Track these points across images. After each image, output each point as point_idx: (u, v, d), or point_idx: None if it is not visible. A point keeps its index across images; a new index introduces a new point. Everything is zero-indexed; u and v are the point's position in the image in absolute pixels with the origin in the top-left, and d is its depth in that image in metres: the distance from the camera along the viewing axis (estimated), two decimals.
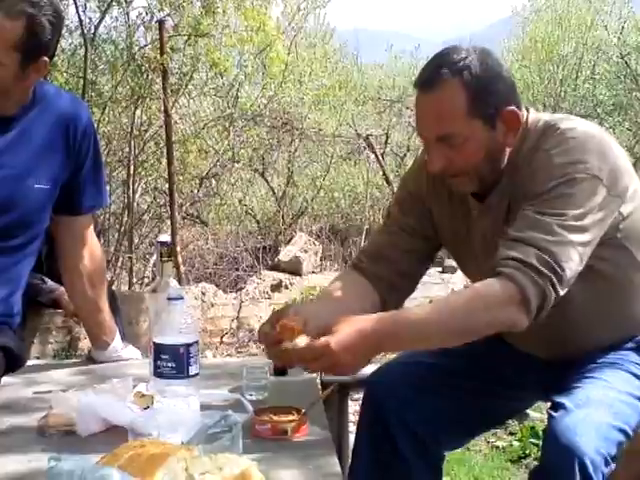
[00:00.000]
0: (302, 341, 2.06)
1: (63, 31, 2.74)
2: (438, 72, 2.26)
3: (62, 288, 3.69)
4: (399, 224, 2.57)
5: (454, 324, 2.15)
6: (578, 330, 2.40)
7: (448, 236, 2.56)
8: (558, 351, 2.45)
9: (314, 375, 2.64)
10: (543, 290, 2.10)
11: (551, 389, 2.34)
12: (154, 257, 8.21)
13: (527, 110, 2.38)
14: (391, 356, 2.84)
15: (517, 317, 2.11)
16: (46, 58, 2.52)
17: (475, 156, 2.28)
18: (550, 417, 2.15)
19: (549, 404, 2.27)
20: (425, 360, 2.54)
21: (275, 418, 2.12)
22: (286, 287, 7.84)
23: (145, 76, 8.13)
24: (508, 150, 2.33)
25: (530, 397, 2.73)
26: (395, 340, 2.14)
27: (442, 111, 2.26)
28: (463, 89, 2.24)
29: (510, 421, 4.54)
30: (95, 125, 2.91)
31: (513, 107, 2.29)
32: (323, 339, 2.01)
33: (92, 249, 2.85)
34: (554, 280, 2.10)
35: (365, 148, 11.59)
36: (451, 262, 9.05)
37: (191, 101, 9.51)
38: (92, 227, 2.89)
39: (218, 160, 9.72)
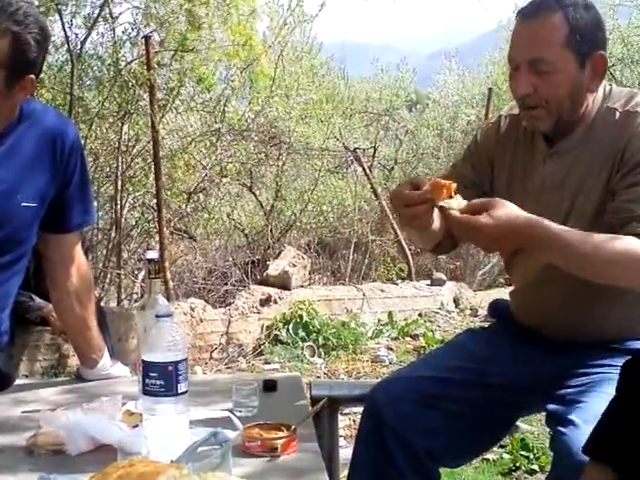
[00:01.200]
0: (457, 202, 2.18)
1: (49, 47, 2.73)
2: (545, 4, 2.38)
3: (50, 305, 3.68)
4: (460, 177, 2.60)
5: (595, 262, 2.22)
6: (601, 309, 2.44)
7: (502, 186, 2.62)
8: (578, 331, 2.46)
9: (303, 390, 2.64)
10: None
11: (553, 389, 2.34)
12: (143, 273, 8.21)
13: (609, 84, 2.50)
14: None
15: None
16: (32, 76, 2.51)
17: (560, 89, 2.37)
18: (560, 433, 2.17)
19: (544, 416, 2.27)
20: (427, 374, 2.55)
21: (265, 435, 2.11)
22: (275, 301, 7.82)
23: (132, 92, 8.14)
24: (590, 97, 2.43)
25: (532, 402, 2.70)
26: (539, 241, 2.21)
27: (541, 35, 2.36)
28: (565, 21, 2.35)
29: None
30: (82, 141, 2.91)
31: (604, 53, 2.40)
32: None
33: (80, 267, 2.84)
34: None
35: (353, 161, 11.60)
36: (440, 275, 9.07)
37: (178, 116, 9.51)
38: (80, 245, 2.88)
39: (206, 175, 9.72)
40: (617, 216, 2.30)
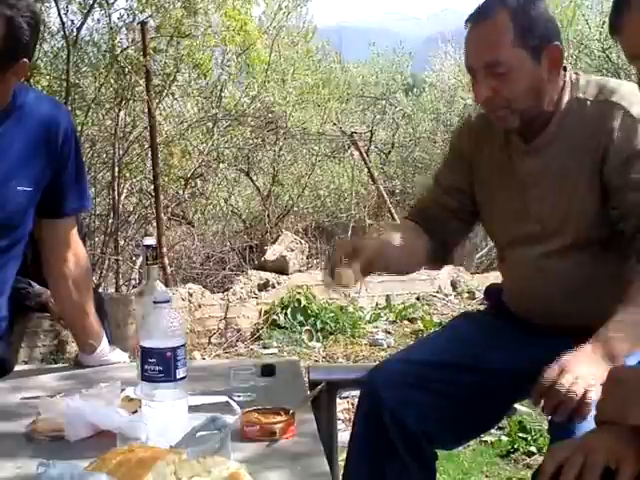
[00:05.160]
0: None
1: (45, 34, 2.73)
2: (490, 5, 2.41)
3: (49, 292, 3.68)
4: (442, 184, 2.75)
5: None
6: (595, 299, 2.41)
7: (484, 191, 2.66)
8: (572, 321, 2.44)
9: (301, 374, 2.65)
10: None
11: None
12: (140, 259, 8.21)
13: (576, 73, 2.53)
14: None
15: None
16: (26, 60, 2.51)
17: (519, 87, 2.38)
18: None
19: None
20: (424, 357, 2.56)
21: (263, 419, 2.12)
22: (273, 286, 7.83)
23: (128, 78, 8.13)
24: (552, 88, 2.44)
25: (527, 386, 2.70)
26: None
27: (490, 38, 2.38)
28: (511, 19, 2.35)
29: None
30: (79, 128, 2.91)
31: (558, 43, 2.41)
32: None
33: (77, 252, 2.84)
34: None
35: (349, 146, 11.60)
36: None
37: (175, 102, 9.51)
38: (76, 230, 2.87)
39: (203, 160, 9.72)
40: (631, 222, 2.31)
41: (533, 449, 4.47)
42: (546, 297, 2.52)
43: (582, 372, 2.03)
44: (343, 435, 3.11)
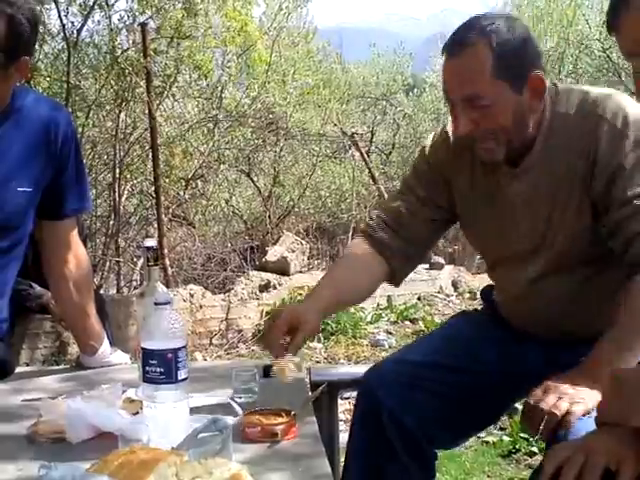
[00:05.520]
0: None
1: (46, 36, 2.73)
2: (466, 36, 2.30)
3: (50, 293, 3.68)
4: (416, 194, 2.61)
5: None
6: (588, 317, 2.40)
7: (467, 206, 2.58)
8: (565, 335, 2.45)
9: (303, 375, 2.65)
10: None
11: (545, 377, 2.35)
12: (141, 260, 8.22)
13: (554, 84, 2.42)
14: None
15: None
16: (27, 57, 2.51)
17: (501, 119, 2.30)
18: None
19: None
20: (420, 358, 2.56)
21: (265, 421, 2.11)
22: (274, 287, 7.84)
23: (129, 79, 8.13)
24: (534, 116, 2.35)
25: (523, 388, 2.70)
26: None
27: (468, 71, 2.28)
28: (490, 51, 2.26)
29: None
30: (80, 129, 2.92)
31: (539, 72, 2.32)
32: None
33: (77, 254, 2.84)
34: None
35: (350, 146, 11.61)
36: (438, 259, 9.07)
37: (175, 103, 9.51)
38: (76, 232, 2.87)
39: (204, 161, 9.72)
40: (619, 240, 2.26)
41: (535, 449, 4.46)
42: (538, 314, 2.50)
43: (567, 391, 2.01)
44: (345, 436, 3.10)
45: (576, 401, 1.98)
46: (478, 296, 8.18)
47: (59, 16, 7.84)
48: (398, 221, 2.62)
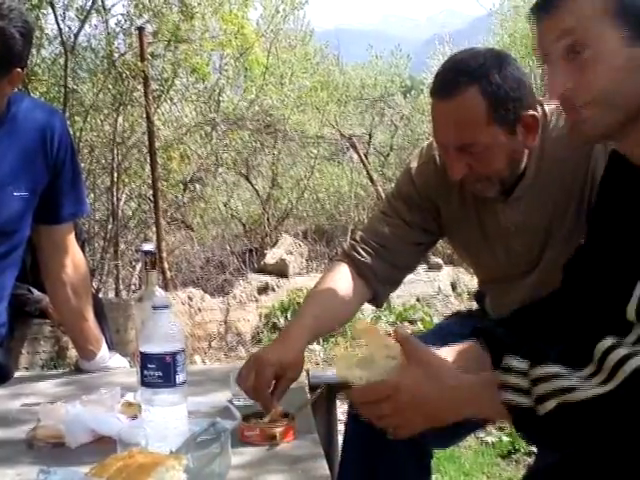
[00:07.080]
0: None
1: (43, 40, 2.74)
2: (456, 80, 2.21)
3: (48, 298, 3.69)
4: (402, 217, 2.55)
5: None
6: None
7: (456, 230, 2.55)
8: None
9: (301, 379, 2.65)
10: None
11: None
12: (140, 264, 8.21)
13: (540, 104, 2.36)
14: None
15: None
16: (19, 69, 2.52)
17: (496, 162, 2.25)
18: None
19: None
20: None
21: (263, 423, 2.12)
22: (273, 289, 7.85)
23: (126, 83, 8.14)
24: (527, 150, 2.31)
25: None
26: None
27: (462, 121, 2.20)
28: (482, 97, 2.18)
29: None
30: (77, 133, 2.92)
31: (532, 112, 2.26)
32: None
33: (74, 258, 2.85)
34: None
35: (348, 148, 11.61)
36: (437, 260, 9.08)
37: (173, 107, 9.51)
38: (73, 236, 2.87)
39: (202, 165, 9.73)
40: None
41: (534, 449, 4.46)
42: None
43: (407, 413, 1.84)
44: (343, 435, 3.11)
45: (404, 427, 1.88)
46: None
47: (56, 21, 7.84)
48: (383, 245, 2.54)
